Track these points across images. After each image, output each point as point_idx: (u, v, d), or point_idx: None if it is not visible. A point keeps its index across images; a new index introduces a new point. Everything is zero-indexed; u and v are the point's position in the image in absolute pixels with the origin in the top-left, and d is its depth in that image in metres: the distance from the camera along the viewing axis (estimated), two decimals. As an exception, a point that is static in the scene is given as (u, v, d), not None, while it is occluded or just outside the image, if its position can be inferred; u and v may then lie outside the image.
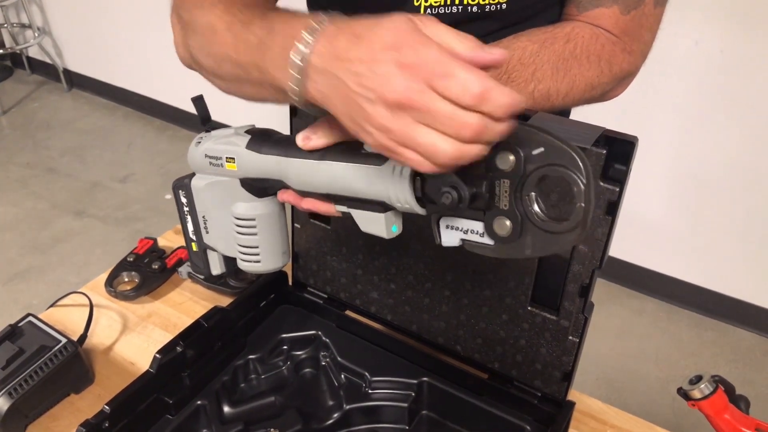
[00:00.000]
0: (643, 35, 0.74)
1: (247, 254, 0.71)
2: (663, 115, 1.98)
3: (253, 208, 0.68)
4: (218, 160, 0.67)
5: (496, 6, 0.73)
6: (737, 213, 2.01)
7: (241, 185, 0.68)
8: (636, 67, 0.76)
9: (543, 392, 0.76)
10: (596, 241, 0.66)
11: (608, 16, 0.72)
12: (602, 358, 2.04)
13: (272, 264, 0.71)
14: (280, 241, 0.71)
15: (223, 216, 0.71)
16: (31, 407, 0.82)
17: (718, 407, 0.78)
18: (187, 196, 0.73)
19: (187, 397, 0.79)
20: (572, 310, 0.71)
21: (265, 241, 0.70)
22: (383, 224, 0.57)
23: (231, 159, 0.66)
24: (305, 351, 0.88)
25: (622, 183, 0.62)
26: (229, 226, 0.70)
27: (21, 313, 0.90)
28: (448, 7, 0.74)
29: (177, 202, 0.74)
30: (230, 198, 0.69)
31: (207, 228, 0.73)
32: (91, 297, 0.98)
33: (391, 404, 0.81)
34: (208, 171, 0.70)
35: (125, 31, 3.19)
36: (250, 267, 0.72)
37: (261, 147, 0.64)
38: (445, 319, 0.81)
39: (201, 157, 0.69)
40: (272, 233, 0.70)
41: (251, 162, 0.65)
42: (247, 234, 0.69)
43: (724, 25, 1.78)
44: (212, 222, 0.72)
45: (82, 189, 2.89)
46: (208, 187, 0.70)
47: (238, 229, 0.69)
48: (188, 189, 0.72)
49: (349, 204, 0.59)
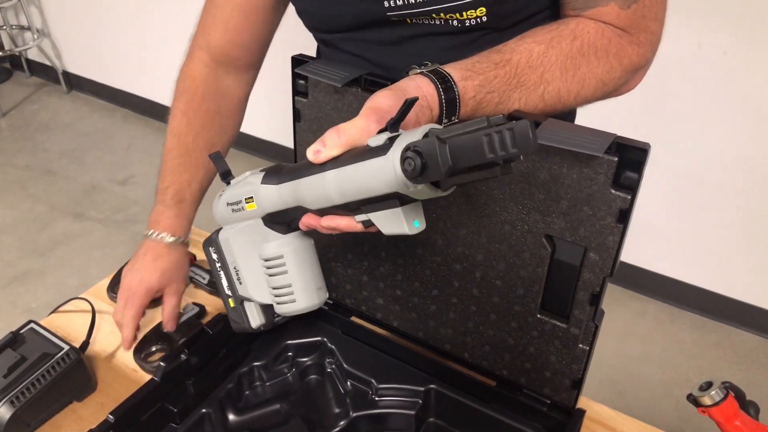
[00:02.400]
0: (650, 25, 0.72)
1: (282, 296, 0.69)
2: (666, 116, 1.98)
3: (280, 246, 0.68)
4: (238, 204, 0.68)
5: (475, 20, 0.73)
6: (740, 215, 2.00)
7: (264, 225, 0.68)
8: (646, 59, 0.74)
9: (552, 400, 0.76)
10: (607, 249, 0.65)
11: (607, 13, 0.70)
12: (605, 360, 2.03)
13: (308, 302, 0.69)
14: (313, 276, 0.70)
15: (253, 262, 0.71)
16: (33, 416, 0.81)
17: (729, 414, 0.77)
18: (217, 252, 0.74)
19: (191, 405, 0.79)
20: (582, 318, 0.70)
21: (297, 277, 0.68)
22: (402, 219, 0.56)
23: (250, 199, 0.67)
24: (310, 358, 0.87)
25: (633, 191, 0.61)
26: (261, 270, 0.70)
27: (20, 316, 0.90)
28: (432, 19, 0.73)
29: (209, 260, 0.75)
30: (257, 240, 0.69)
31: (240, 279, 0.73)
32: (93, 303, 0.97)
33: (398, 412, 0.80)
34: (232, 220, 0.71)
35: (124, 32, 3.18)
36: (287, 309, 0.69)
37: (275, 178, 0.64)
38: (452, 326, 0.81)
39: (223, 208, 0.71)
40: (303, 269, 0.69)
41: (269, 196, 0.65)
42: (278, 274, 0.68)
43: (727, 27, 1.77)
44: (244, 271, 0.72)
45: (81, 191, 2.88)
46: (234, 235, 0.71)
47: (268, 271, 0.69)
48: (216, 243, 0.73)
49: (366, 209, 0.58)
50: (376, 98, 0.59)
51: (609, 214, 0.64)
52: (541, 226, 0.68)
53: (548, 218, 0.68)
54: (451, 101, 0.62)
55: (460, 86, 0.62)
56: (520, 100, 0.67)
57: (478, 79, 0.64)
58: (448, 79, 0.62)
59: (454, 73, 0.63)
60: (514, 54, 0.67)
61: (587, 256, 0.67)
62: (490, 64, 0.65)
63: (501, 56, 0.66)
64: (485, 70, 0.65)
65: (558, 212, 0.67)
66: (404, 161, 0.49)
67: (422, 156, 0.48)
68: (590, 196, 0.64)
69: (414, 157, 0.48)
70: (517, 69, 0.66)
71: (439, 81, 0.61)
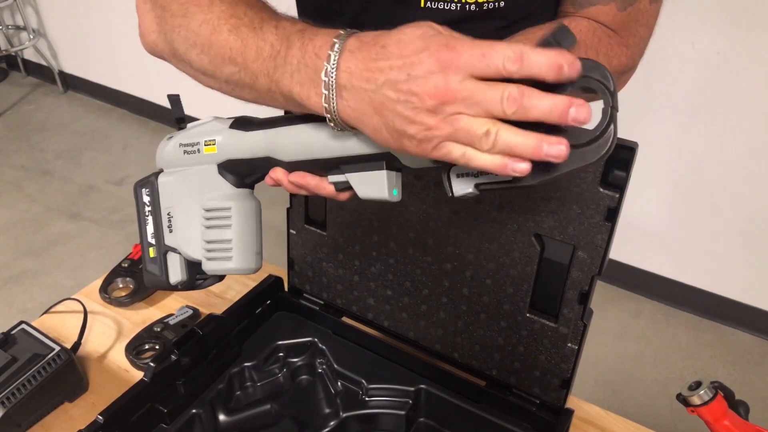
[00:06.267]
0: (639, 30, 0.73)
1: (216, 251, 0.64)
2: (659, 116, 1.98)
3: (228, 197, 0.63)
4: (195, 146, 0.64)
5: (494, 4, 0.73)
6: (734, 214, 2.01)
7: (218, 172, 0.64)
8: (634, 61, 0.75)
9: (541, 400, 0.76)
10: (596, 247, 0.65)
11: (605, 13, 0.71)
12: (600, 360, 2.03)
13: (244, 263, 0.64)
14: (255, 239, 0.65)
15: (192, 210, 0.66)
16: (24, 416, 0.81)
17: (718, 414, 0.78)
18: (151, 194, 0.68)
19: (181, 405, 0.79)
20: (571, 317, 0.70)
21: (239, 235, 0.64)
22: (385, 183, 0.54)
23: (211, 142, 0.63)
24: (301, 358, 0.87)
25: (622, 189, 0.62)
26: (198, 221, 0.65)
27: (15, 317, 0.90)
28: (447, 3, 0.73)
29: (138, 203, 0.69)
30: (203, 188, 0.65)
31: (171, 226, 0.67)
32: (86, 303, 0.97)
33: (389, 412, 0.80)
34: (180, 163, 0.66)
35: (121, 32, 3.18)
36: (218, 266, 0.64)
37: (247, 126, 0.61)
38: (442, 326, 0.81)
39: (173, 149, 0.66)
40: (246, 228, 0.64)
41: (236, 142, 0.61)
42: (219, 227, 0.64)
43: (720, 26, 1.77)
44: (178, 218, 0.67)
45: (77, 191, 2.88)
46: (178, 179, 0.66)
47: (208, 222, 0.64)
48: (153, 186, 0.68)
49: (347, 168, 0.55)
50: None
51: (597, 213, 0.64)
52: (531, 224, 0.69)
53: (537, 217, 0.68)
54: None
55: None
56: None
57: None
58: None
59: None
60: None
61: (576, 255, 0.67)
62: None
63: None
64: None
65: (547, 211, 0.67)
66: None
67: None
68: (579, 195, 0.64)
69: None
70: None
71: None
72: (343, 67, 0.49)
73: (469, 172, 0.51)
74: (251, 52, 0.57)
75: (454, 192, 0.52)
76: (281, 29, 0.56)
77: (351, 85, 0.49)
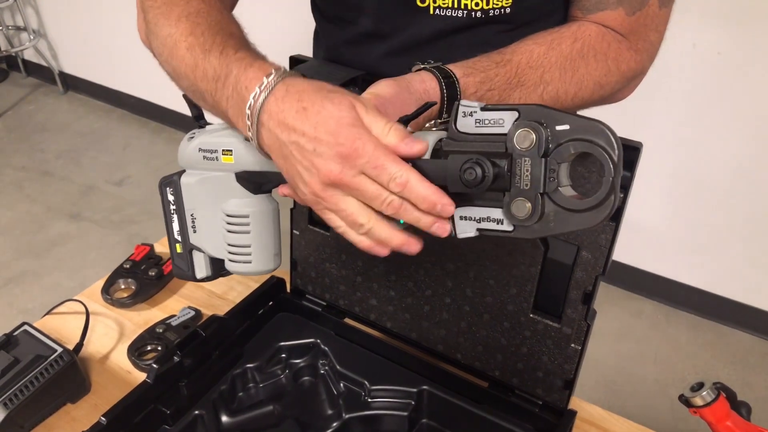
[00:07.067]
0: (649, 35, 0.73)
1: (237, 254, 0.68)
2: (660, 117, 1.98)
3: (247, 205, 0.66)
4: (213, 153, 0.66)
5: (500, 10, 0.73)
6: (734, 214, 2.01)
7: (236, 180, 0.66)
8: (643, 66, 0.75)
9: (544, 401, 0.76)
10: (600, 247, 0.65)
11: (614, 18, 0.71)
12: (601, 360, 2.03)
13: (263, 265, 0.68)
14: (273, 241, 0.69)
15: (213, 214, 0.68)
16: (26, 418, 0.81)
17: (720, 415, 0.78)
18: (175, 194, 0.70)
19: (184, 407, 0.78)
20: (575, 318, 0.70)
21: (257, 240, 0.67)
22: None
23: (228, 152, 0.65)
24: (304, 359, 0.87)
25: (626, 189, 0.61)
26: (219, 224, 0.68)
27: (16, 317, 0.90)
28: (455, 11, 0.74)
29: (163, 201, 0.71)
30: (223, 194, 0.67)
31: (195, 227, 0.70)
32: (87, 304, 0.97)
33: (391, 413, 0.80)
34: (200, 166, 0.68)
35: (121, 33, 3.18)
36: (239, 268, 0.68)
37: None
38: (445, 327, 0.81)
39: (194, 152, 0.67)
40: (265, 232, 0.67)
41: (251, 155, 0.63)
42: (239, 232, 0.67)
43: (721, 27, 1.78)
44: (201, 221, 0.70)
45: (77, 192, 2.88)
46: (199, 183, 0.68)
47: (229, 227, 0.67)
48: (177, 186, 0.70)
49: None
50: (378, 85, 0.60)
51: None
52: (533, 226, 0.69)
53: (540, 219, 0.68)
54: (453, 97, 0.63)
55: (461, 82, 0.63)
56: (520, 99, 0.68)
57: (480, 77, 0.65)
58: (451, 75, 0.63)
59: (456, 70, 0.64)
60: (515, 54, 0.68)
61: (580, 255, 0.67)
62: (491, 63, 0.66)
63: (502, 56, 0.67)
64: (486, 68, 0.66)
65: (550, 212, 0.67)
66: (464, 171, 0.50)
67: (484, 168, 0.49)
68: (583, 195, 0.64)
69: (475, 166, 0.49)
70: (518, 69, 0.67)
71: (441, 76, 0.62)
72: (266, 108, 0.54)
73: (473, 217, 0.53)
74: (199, 72, 0.62)
75: (457, 234, 0.54)
76: (224, 56, 0.60)
77: (268, 126, 0.55)
